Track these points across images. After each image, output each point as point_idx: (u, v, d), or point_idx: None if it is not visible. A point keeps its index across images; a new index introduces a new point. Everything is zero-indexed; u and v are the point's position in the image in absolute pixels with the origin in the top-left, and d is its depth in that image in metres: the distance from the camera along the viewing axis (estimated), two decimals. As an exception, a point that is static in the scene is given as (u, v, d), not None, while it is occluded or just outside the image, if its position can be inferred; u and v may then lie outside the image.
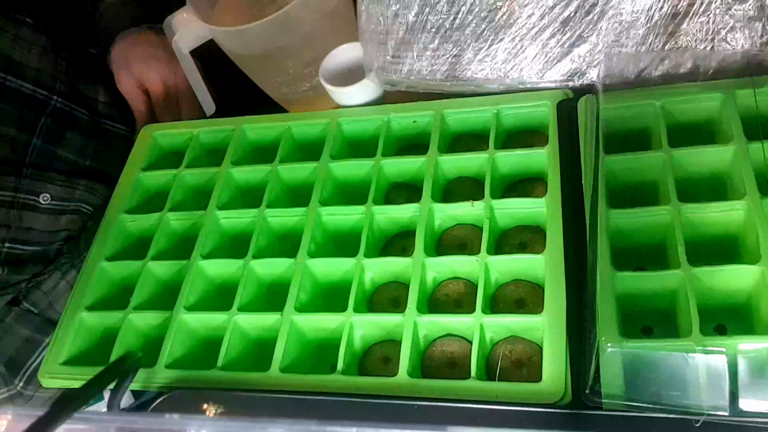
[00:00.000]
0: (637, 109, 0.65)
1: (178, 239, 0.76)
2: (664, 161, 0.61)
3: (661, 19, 0.65)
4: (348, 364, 0.61)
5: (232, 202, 0.77)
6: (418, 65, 0.74)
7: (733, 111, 0.61)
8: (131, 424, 0.48)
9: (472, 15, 0.70)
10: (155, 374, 0.64)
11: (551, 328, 0.56)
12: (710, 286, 0.54)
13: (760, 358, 0.49)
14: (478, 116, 0.74)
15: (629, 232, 0.59)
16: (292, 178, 0.76)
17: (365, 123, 0.78)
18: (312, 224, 0.70)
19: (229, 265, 0.70)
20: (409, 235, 0.69)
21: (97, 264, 0.74)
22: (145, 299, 0.71)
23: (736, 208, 0.57)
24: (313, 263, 0.67)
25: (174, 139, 0.85)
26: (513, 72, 0.71)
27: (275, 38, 0.79)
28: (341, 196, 0.75)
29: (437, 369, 0.61)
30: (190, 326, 0.68)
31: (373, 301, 0.67)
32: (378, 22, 0.74)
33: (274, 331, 0.64)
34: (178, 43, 0.85)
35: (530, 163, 0.69)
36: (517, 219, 0.67)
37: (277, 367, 0.61)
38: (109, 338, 0.68)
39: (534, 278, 0.63)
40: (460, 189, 0.71)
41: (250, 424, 0.46)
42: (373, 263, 0.66)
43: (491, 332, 0.60)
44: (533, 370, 0.58)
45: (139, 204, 0.80)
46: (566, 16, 0.67)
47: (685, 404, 0.49)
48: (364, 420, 0.54)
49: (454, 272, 0.65)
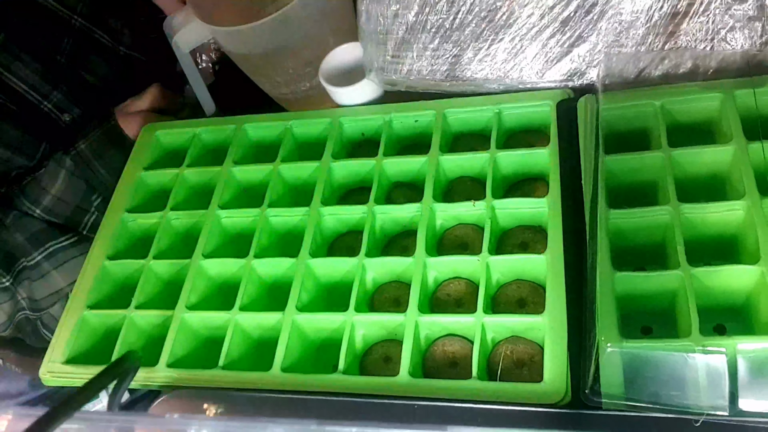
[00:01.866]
0: (637, 109, 0.65)
1: (179, 238, 0.76)
2: (663, 161, 0.61)
3: (660, 19, 0.65)
4: (349, 364, 0.61)
5: (234, 202, 0.77)
6: (418, 65, 0.74)
7: (732, 111, 0.61)
8: (131, 424, 0.48)
9: (472, 15, 0.70)
10: (157, 373, 0.64)
11: (553, 328, 0.56)
12: (710, 286, 0.54)
13: (760, 358, 0.49)
14: (480, 116, 0.74)
15: (629, 232, 0.59)
16: (294, 178, 0.76)
17: (367, 122, 0.78)
18: (313, 224, 0.70)
19: (231, 264, 0.70)
20: (410, 234, 0.69)
21: (99, 263, 0.74)
22: (146, 298, 0.71)
23: (735, 208, 0.57)
24: (315, 263, 0.67)
25: (176, 138, 0.85)
26: (513, 72, 0.71)
27: (275, 38, 0.79)
28: (342, 195, 0.75)
29: (438, 369, 0.61)
30: (192, 325, 0.68)
31: (374, 301, 0.67)
32: (378, 21, 0.74)
33: (275, 331, 0.64)
34: (178, 42, 0.85)
35: (532, 163, 0.69)
36: (518, 219, 0.67)
37: (279, 366, 0.61)
38: (110, 337, 0.69)
39: (535, 278, 0.63)
40: (462, 189, 0.71)
41: (250, 424, 0.46)
42: (374, 263, 0.66)
43: (492, 332, 0.60)
44: (534, 370, 0.58)
45: (140, 203, 0.80)
46: (566, 16, 0.67)
47: (685, 404, 0.49)
48: (364, 420, 0.54)
49: (455, 272, 0.65)
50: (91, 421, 0.46)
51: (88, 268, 0.74)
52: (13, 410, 0.46)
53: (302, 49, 0.82)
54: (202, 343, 0.69)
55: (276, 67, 0.84)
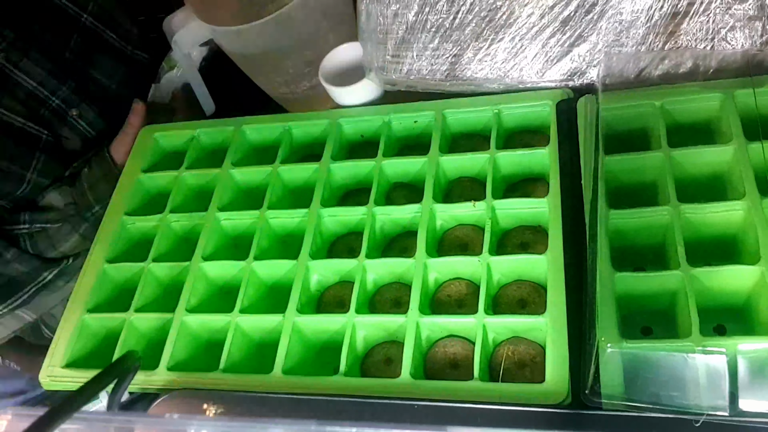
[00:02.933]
0: (637, 109, 0.65)
1: (179, 241, 0.77)
2: (663, 161, 0.61)
3: (661, 19, 0.65)
4: (350, 366, 0.61)
5: (233, 204, 0.77)
6: (418, 65, 0.74)
7: (732, 111, 0.61)
8: (131, 425, 0.48)
9: (472, 14, 0.70)
10: (157, 377, 0.64)
11: (554, 329, 0.56)
12: (710, 286, 0.55)
13: (760, 358, 0.50)
14: (479, 116, 0.74)
15: (629, 233, 0.60)
16: (293, 179, 0.77)
17: (366, 123, 0.78)
18: (313, 225, 0.70)
19: (231, 266, 0.71)
20: (410, 235, 0.69)
21: (98, 266, 0.75)
22: (146, 301, 0.71)
23: (735, 208, 0.57)
24: (315, 264, 0.67)
25: (174, 140, 0.85)
26: (513, 71, 0.71)
27: (275, 38, 0.79)
28: (342, 197, 0.76)
29: (440, 370, 0.61)
30: (192, 328, 0.68)
31: (375, 302, 0.67)
32: (378, 21, 0.75)
33: (276, 333, 0.64)
34: (177, 42, 0.85)
35: (531, 163, 0.69)
36: (518, 219, 0.67)
37: (280, 369, 0.61)
38: (110, 341, 0.69)
39: (536, 278, 0.63)
40: (462, 189, 0.72)
41: (249, 425, 0.47)
42: (374, 264, 0.66)
43: (494, 333, 0.60)
44: (536, 371, 0.58)
45: (139, 205, 0.80)
46: (566, 16, 0.67)
47: (685, 404, 0.49)
48: (364, 420, 0.54)
49: (456, 273, 0.66)
50: (91, 422, 0.46)
51: (87, 272, 0.75)
52: (13, 410, 0.46)
53: (302, 49, 0.82)
54: (203, 346, 0.69)
55: (276, 66, 0.84)
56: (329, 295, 0.69)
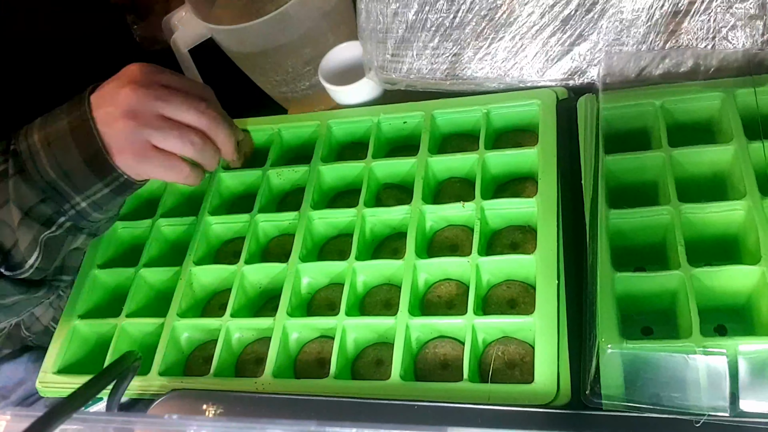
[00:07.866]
0: (637, 108, 0.67)
1: (169, 246, 0.79)
2: (664, 161, 0.62)
3: (661, 18, 0.66)
4: (341, 368, 0.63)
5: (224, 207, 0.79)
6: (418, 64, 0.75)
7: (733, 110, 0.63)
8: (130, 425, 0.48)
9: (472, 13, 0.71)
10: (149, 382, 0.66)
11: (543, 329, 0.58)
12: (710, 286, 0.56)
13: (761, 358, 0.51)
14: (469, 116, 0.76)
15: (629, 232, 0.61)
16: (283, 182, 0.78)
17: (356, 125, 0.79)
18: (303, 228, 0.71)
19: (222, 271, 0.73)
20: (400, 237, 0.71)
21: (89, 272, 0.77)
22: (137, 306, 0.73)
23: (736, 208, 0.59)
24: (306, 267, 0.68)
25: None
26: (513, 71, 0.72)
27: (274, 37, 0.80)
28: (332, 198, 0.77)
29: (430, 371, 0.63)
30: (184, 333, 0.70)
31: (365, 304, 0.69)
32: (377, 20, 0.75)
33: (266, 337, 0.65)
34: (177, 41, 0.85)
35: (521, 162, 0.72)
36: (508, 219, 0.69)
37: (270, 372, 0.62)
38: (102, 346, 0.71)
39: (525, 278, 0.65)
40: (451, 190, 0.74)
41: (249, 425, 0.47)
42: (364, 266, 0.68)
43: (483, 333, 0.62)
44: (526, 371, 0.60)
45: (130, 210, 0.82)
46: (567, 15, 0.68)
47: (686, 405, 0.51)
48: (363, 421, 0.54)
49: (445, 274, 0.68)
50: (91, 422, 0.46)
51: (78, 278, 0.76)
52: (12, 410, 0.47)
53: (301, 48, 0.83)
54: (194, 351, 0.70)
55: (275, 65, 0.85)
56: (320, 298, 0.71)
